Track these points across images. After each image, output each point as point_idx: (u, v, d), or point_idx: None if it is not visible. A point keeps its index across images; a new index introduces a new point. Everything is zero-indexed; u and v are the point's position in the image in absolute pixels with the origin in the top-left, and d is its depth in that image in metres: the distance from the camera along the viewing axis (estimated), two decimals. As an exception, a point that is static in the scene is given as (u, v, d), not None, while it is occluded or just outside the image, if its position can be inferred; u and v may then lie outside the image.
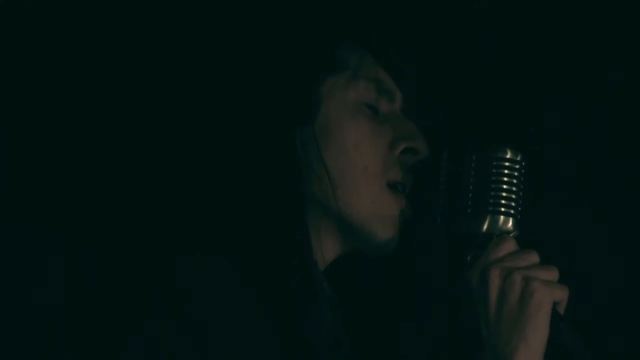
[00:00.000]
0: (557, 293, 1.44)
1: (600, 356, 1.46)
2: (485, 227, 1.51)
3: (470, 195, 1.52)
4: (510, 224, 1.51)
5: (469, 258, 1.52)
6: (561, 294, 1.45)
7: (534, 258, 1.47)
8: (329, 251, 1.57)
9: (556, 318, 1.44)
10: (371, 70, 1.59)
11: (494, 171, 1.51)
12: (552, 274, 1.46)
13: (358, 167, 1.54)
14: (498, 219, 1.51)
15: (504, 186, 1.51)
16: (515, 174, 1.51)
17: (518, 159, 1.52)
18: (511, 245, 1.49)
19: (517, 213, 1.51)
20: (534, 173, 1.56)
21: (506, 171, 1.51)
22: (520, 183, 1.52)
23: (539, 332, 1.42)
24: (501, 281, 1.44)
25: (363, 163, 1.54)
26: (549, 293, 1.43)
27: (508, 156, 1.52)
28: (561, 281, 1.46)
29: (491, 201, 1.50)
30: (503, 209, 1.50)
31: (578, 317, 1.49)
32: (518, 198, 1.51)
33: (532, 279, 1.43)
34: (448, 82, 1.94)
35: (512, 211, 1.51)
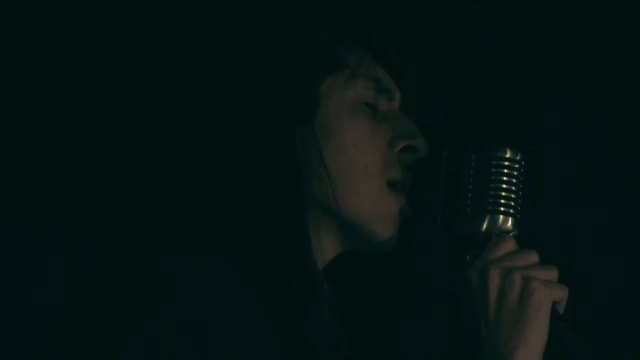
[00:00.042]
0: (557, 293, 1.44)
1: (600, 356, 1.46)
2: (485, 227, 1.51)
3: (470, 194, 1.52)
4: (510, 224, 1.51)
5: (469, 258, 1.52)
6: (561, 294, 1.45)
7: (534, 258, 1.47)
8: (329, 251, 1.57)
9: (556, 318, 1.44)
10: (370, 69, 1.59)
11: (494, 171, 1.51)
12: (552, 274, 1.46)
13: (358, 166, 1.54)
14: (498, 219, 1.51)
15: (504, 186, 1.51)
16: (515, 174, 1.51)
17: (518, 159, 1.52)
18: (511, 245, 1.49)
19: (517, 213, 1.51)
20: (534, 173, 1.56)
21: (506, 171, 1.51)
22: (520, 183, 1.52)
23: (539, 332, 1.42)
24: (501, 281, 1.44)
25: (363, 162, 1.54)
26: (549, 293, 1.43)
27: (508, 156, 1.52)
28: (561, 281, 1.46)
29: (491, 201, 1.50)
30: (503, 209, 1.50)
31: (578, 317, 1.49)
32: (518, 198, 1.51)
33: (532, 279, 1.43)
34: (448, 82, 1.94)
35: (512, 211, 1.51)
